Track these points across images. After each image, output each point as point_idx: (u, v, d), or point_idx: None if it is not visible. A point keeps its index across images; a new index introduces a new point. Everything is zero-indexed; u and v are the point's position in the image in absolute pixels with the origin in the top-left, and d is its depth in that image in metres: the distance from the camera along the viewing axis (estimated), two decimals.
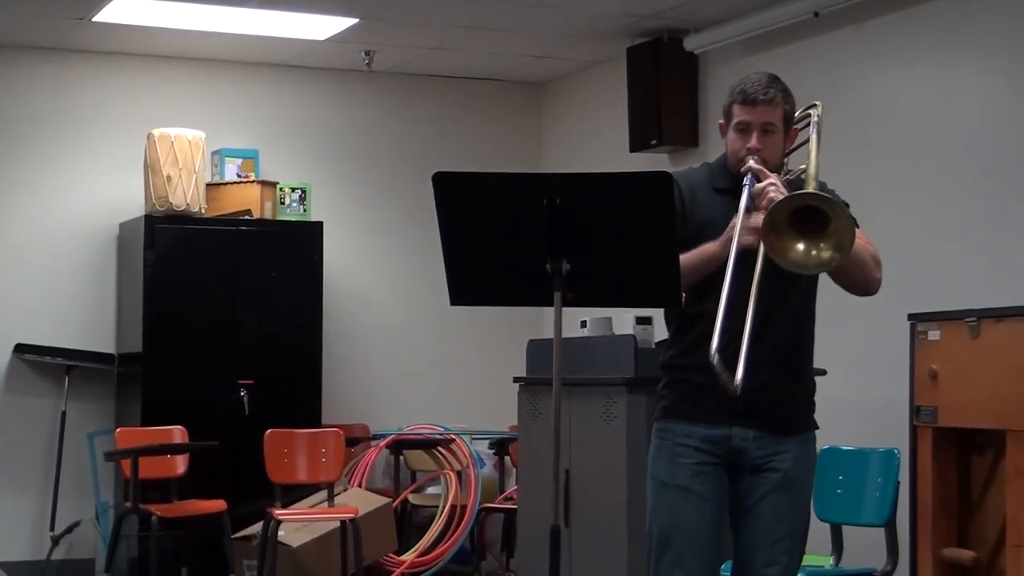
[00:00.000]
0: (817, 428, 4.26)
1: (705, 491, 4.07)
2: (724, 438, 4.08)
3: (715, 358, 3.83)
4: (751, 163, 4.07)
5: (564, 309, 3.84)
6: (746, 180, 4.04)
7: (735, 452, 4.08)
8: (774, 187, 3.97)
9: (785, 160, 4.21)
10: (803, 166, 4.20)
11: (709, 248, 4.01)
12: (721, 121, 4.22)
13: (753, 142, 4.09)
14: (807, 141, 4.25)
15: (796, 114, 4.26)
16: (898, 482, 5.60)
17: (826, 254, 3.87)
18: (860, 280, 4.12)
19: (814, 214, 3.85)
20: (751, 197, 4.00)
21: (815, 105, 4.32)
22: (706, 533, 4.07)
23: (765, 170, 4.05)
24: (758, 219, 3.93)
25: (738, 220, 3.95)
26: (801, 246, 3.87)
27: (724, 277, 3.91)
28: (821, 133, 4.25)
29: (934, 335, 5.90)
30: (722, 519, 4.11)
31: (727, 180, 4.16)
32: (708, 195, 4.16)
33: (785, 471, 4.08)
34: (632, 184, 3.89)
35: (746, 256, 3.94)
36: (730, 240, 3.96)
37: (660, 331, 4.88)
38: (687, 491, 4.08)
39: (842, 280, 4.12)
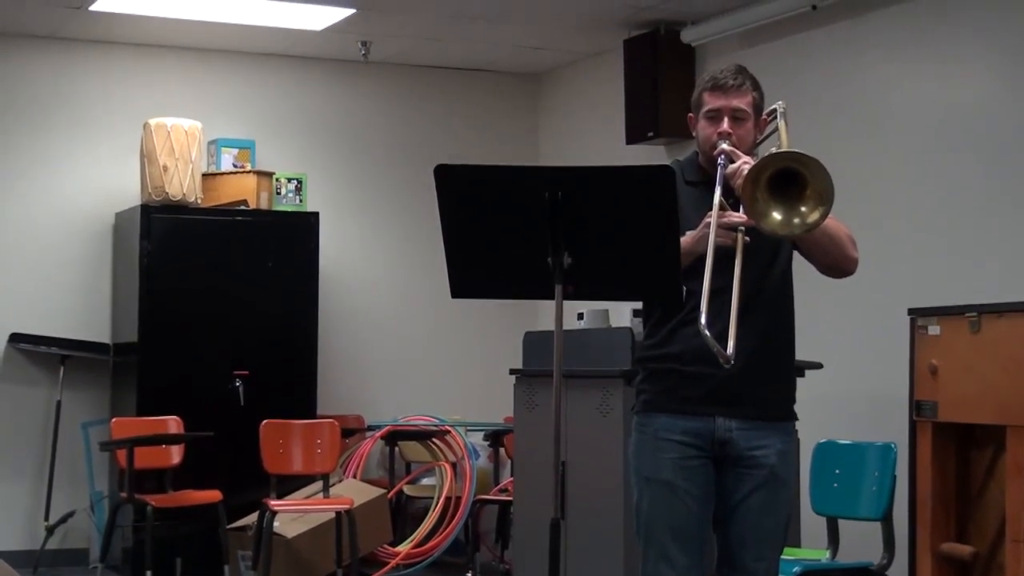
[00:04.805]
0: (796, 419, 4.24)
1: (691, 486, 4.04)
2: (708, 430, 4.05)
3: (704, 330, 3.78)
4: (724, 146, 4.05)
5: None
6: (720, 160, 4.02)
7: (719, 444, 4.05)
8: (748, 165, 3.93)
9: (755, 152, 4.16)
10: (773, 149, 4.18)
11: (682, 243, 3.92)
12: (691, 115, 4.22)
13: (724, 126, 4.08)
14: (775, 131, 4.23)
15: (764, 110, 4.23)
16: (895, 476, 5.59)
17: (813, 215, 3.81)
18: (838, 256, 4.08)
19: (790, 181, 3.82)
20: (724, 178, 3.98)
21: (778, 104, 4.28)
22: (692, 528, 4.04)
23: (738, 151, 4.04)
24: (732, 217, 3.93)
25: (713, 218, 3.92)
26: (781, 214, 3.83)
27: (703, 270, 3.87)
28: (788, 123, 4.22)
29: (934, 330, 5.89)
30: (708, 513, 4.08)
31: (697, 173, 4.16)
32: (680, 188, 4.09)
33: (771, 467, 4.06)
34: (634, 177, 3.86)
35: (723, 250, 3.92)
36: (704, 237, 3.93)
37: None
38: (672, 486, 4.05)
39: (820, 257, 4.08)
